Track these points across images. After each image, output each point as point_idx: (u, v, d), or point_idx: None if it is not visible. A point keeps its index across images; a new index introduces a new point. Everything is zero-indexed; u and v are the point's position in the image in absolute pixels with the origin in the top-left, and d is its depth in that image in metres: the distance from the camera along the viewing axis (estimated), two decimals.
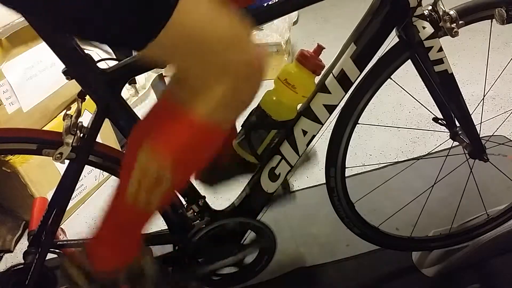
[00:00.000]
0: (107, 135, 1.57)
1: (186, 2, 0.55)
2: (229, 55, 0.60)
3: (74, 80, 0.74)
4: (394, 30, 0.85)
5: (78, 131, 0.77)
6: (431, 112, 1.01)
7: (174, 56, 0.61)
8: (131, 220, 0.77)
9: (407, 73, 0.94)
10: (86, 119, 0.78)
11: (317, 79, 0.86)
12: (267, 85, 0.85)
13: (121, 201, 0.74)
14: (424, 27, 0.82)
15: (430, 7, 0.84)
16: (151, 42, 0.56)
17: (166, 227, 0.94)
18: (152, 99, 1.78)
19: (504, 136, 1.58)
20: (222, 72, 0.61)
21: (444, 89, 0.91)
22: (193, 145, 0.67)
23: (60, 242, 0.95)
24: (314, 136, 0.89)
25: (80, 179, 0.84)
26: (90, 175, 1.58)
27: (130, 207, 0.73)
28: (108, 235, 0.80)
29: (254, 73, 0.63)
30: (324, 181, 1.01)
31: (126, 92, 1.70)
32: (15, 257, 1.40)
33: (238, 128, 0.89)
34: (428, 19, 0.83)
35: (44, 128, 1.39)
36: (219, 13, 0.59)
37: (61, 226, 0.95)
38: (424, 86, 0.94)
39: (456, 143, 1.03)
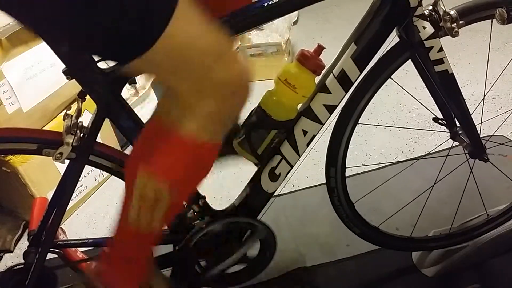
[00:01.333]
0: (107, 135, 1.57)
1: (177, 20, 0.55)
2: (215, 71, 0.60)
3: (74, 80, 0.74)
4: (395, 30, 0.84)
5: (78, 131, 0.77)
6: (431, 112, 1.01)
7: (160, 72, 0.62)
8: (137, 243, 0.79)
9: (407, 73, 0.94)
10: (86, 119, 0.78)
11: (317, 79, 0.86)
12: (268, 85, 0.85)
13: (125, 226, 0.76)
14: (424, 27, 0.82)
15: (430, 7, 0.84)
16: (138, 58, 0.55)
17: (166, 227, 0.94)
18: (152, 99, 1.78)
19: (504, 136, 1.58)
20: (208, 89, 0.62)
21: (444, 89, 0.91)
22: (187, 163, 0.68)
23: (60, 242, 0.95)
24: (314, 136, 0.89)
25: (80, 179, 0.84)
26: (90, 175, 1.58)
27: (134, 231, 0.74)
28: (117, 259, 0.82)
29: (240, 89, 0.64)
30: (324, 181, 1.01)
31: (126, 92, 1.70)
32: (15, 257, 1.40)
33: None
34: (428, 19, 0.83)
35: (44, 128, 1.39)
36: (206, 29, 0.59)
37: (61, 226, 0.95)
38: (424, 86, 0.94)
39: (456, 143, 1.03)
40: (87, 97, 0.78)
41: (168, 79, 0.63)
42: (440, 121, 1.01)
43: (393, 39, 0.86)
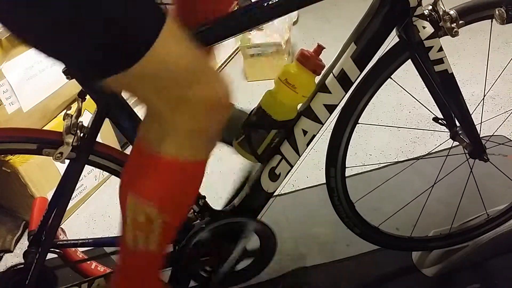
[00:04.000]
0: (107, 135, 1.57)
1: (164, 38, 0.55)
2: (194, 90, 0.61)
3: (74, 80, 0.74)
4: (394, 30, 0.85)
5: (78, 131, 0.77)
6: (431, 112, 1.01)
7: (140, 89, 0.62)
8: (140, 263, 0.78)
9: (407, 73, 0.94)
10: (86, 119, 0.78)
11: (317, 79, 0.86)
12: (268, 85, 0.85)
13: (126, 248, 0.76)
14: (424, 27, 0.82)
15: (430, 7, 0.84)
16: (121, 72, 0.55)
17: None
18: None
19: (504, 136, 1.58)
20: (187, 107, 0.62)
21: (444, 89, 0.91)
22: (173, 183, 0.68)
23: (60, 242, 0.95)
24: (314, 136, 0.89)
25: (80, 179, 0.84)
26: (90, 175, 1.58)
27: (134, 252, 0.75)
28: (125, 280, 0.82)
29: (219, 107, 0.64)
30: (324, 181, 1.01)
31: None
32: (15, 257, 1.40)
33: None
34: (428, 18, 0.83)
35: (44, 128, 1.39)
36: (189, 48, 0.60)
37: (61, 226, 0.95)
38: (424, 86, 0.94)
39: (456, 143, 1.03)
40: (87, 97, 0.78)
41: (147, 97, 0.62)
42: (440, 121, 1.01)
43: (393, 39, 0.86)
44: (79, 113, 0.77)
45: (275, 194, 0.94)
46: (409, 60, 0.90)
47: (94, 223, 1.51)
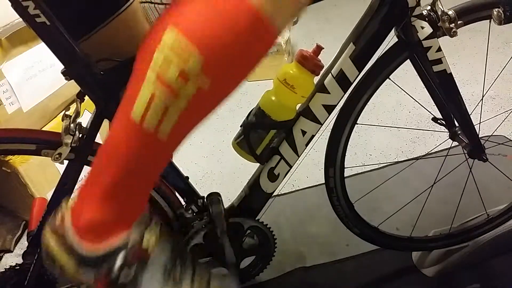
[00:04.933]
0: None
1: None
2: None
3: (73, 80, 0.74)
4: (393, 30, 0.85)
5: (77, 132, 0.77)
6: (430, 112, 1.01)
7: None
8: (138, 151, 0.52)
9: (406, 73, 0.94)
10: (86, 119, 0.78)
11: (316, 79, 0.86)
12: (267, 85, 0.86)
13: (124, 122, 0.52)
14: (422, 27, 0.82)
15: (428, 7, 0.84)
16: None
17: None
18: None
19: (504, 136, 1.58)
20: None
21: (443, 89, 0.91)
22: (237, 36, 0.49)
23: None
24: (313, 136, 0.89)
25: (79, 179, 0.84)
26: None
27: (140, 130, 0.50)
28: (102, 181, 0.55)
29: None
30: (324, 181, 1.01)
31: None
32: (15, 257, 1.40)
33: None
34: (426, 19, 0.83)
35: (44, 128, 1.40)
36: None
37: None
38: (424, 86, 0.94)
39: (455, 143, 1.03)
40: (86, 97, 0.78)
41: None
42: (439, 121, 1.01)
43: (391, 39, 0.86)
44: (77, 114, 0.77)
45: (274, 194, 0.94)
46: (408, 60, 0.90)
47: None
